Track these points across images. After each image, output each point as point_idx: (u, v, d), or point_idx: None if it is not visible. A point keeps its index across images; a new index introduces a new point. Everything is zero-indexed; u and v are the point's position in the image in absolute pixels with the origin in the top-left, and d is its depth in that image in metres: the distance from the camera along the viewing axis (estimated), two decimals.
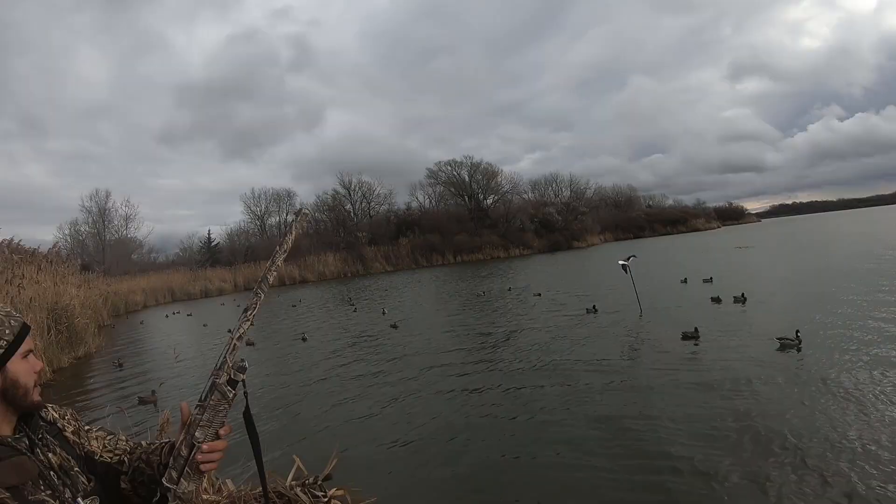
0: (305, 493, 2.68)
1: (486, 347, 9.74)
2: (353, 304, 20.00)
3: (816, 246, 26.41)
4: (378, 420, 6.33)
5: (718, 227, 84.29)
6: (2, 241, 8.94)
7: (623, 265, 13.03)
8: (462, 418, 6.07)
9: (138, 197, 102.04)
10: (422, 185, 59.34)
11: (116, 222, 47.46)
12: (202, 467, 1.33)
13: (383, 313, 16.08)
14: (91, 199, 46.94)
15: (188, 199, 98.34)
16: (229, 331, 1.35)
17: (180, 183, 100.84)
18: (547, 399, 6.41)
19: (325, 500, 2.70)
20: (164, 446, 1.46)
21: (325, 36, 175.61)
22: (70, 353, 12.67)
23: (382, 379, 8.25)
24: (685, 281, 15.84)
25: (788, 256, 22.38)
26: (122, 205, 47.86)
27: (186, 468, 1.31)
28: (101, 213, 46.79)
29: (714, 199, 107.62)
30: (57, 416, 1.45)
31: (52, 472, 1.33)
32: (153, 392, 8.25)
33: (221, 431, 1.34)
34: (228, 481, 3.26)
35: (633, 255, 14.04)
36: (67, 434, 1.44)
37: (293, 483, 2.73)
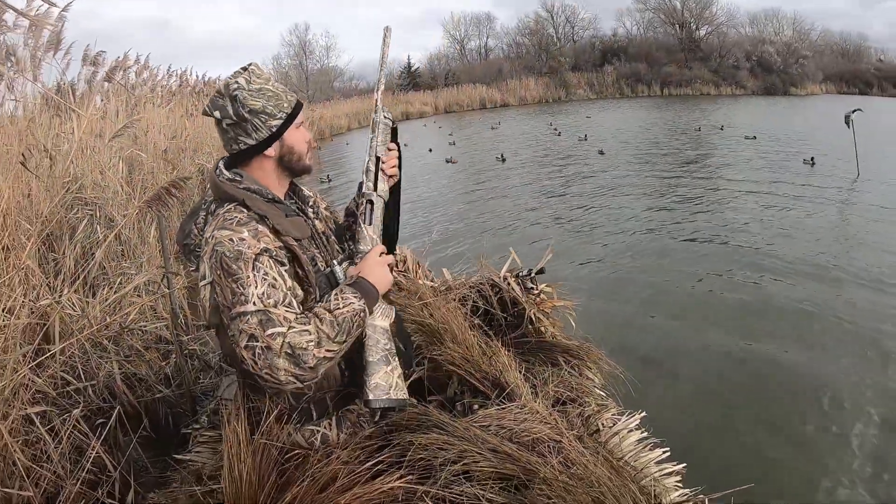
0: (518, 283, 2.72)
1: (698, 188, 9.00)
2: (556, 129, 19.10)
3: None
4: (587, 239, 6.36)
5: None
6: (214, 78, 10.13)
7: (846, 117, 11.05)
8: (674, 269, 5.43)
9: (336, 28, 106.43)
10: (629, 10, 51.62)
11: (317, 53, 49.96)
12: (388, 171, 1.63)
13: (584, 139, 15.46)
14: (291, 33, 49.24)
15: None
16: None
17: (379, 11, 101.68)
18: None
19: (536, 292, 2.73)
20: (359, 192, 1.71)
21: None
22: None
23: (594, 202, 8.16)
24: None
25: None
26: (321, 35, 49.85)
27: (380, 173, 1.62)
28: (301, 46, 49.01)
29: None
30: (310, 194, 1.67)
31: (319, 236, 1.57)
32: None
33: (390, 145, 1.66)
34: (444, 270, 3.50)
35: (859, 109, 11.54)
36: (321, 209, 1.67)
37: (507, 273, 2.79)
